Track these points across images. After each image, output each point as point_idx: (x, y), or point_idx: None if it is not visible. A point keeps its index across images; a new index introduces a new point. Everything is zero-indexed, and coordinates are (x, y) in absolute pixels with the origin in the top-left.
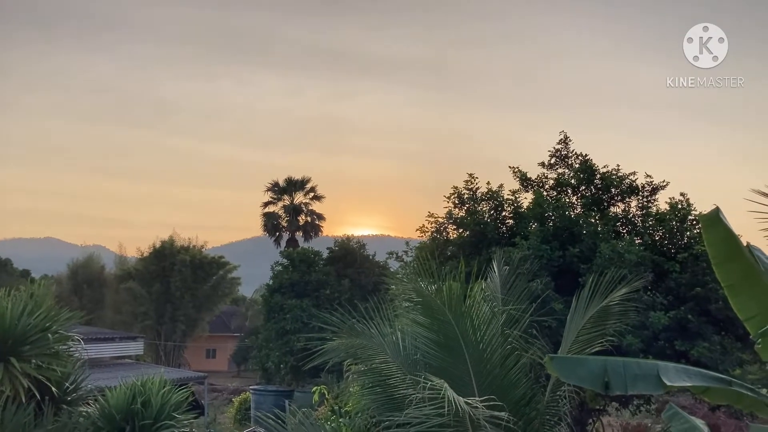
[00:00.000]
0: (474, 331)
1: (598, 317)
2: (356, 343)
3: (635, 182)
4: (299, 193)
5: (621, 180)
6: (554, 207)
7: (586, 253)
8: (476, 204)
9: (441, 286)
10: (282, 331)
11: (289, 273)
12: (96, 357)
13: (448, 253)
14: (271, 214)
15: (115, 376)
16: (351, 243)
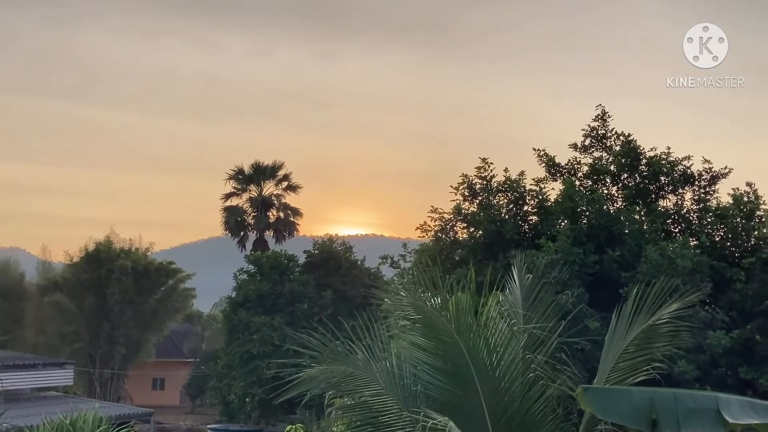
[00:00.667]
0: (488, 356)
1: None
2: (341, 370)
3: (690, 169)
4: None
5: (672, 166)
6: (589, 200)
7: (629, 257)
8: (491, 196)
9: (447, 300)
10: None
11: (257, 283)
12: (13, 389)
13: (456, 257)
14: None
15: (37, 413)
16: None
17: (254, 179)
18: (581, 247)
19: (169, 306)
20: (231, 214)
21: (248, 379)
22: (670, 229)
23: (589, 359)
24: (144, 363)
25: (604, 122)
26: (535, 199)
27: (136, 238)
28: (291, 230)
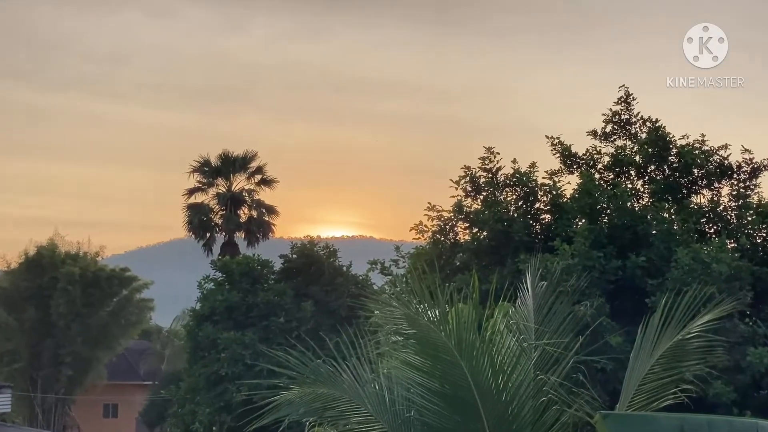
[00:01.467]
0: (494, 377)
1: (673, 356)
2: (323, 394)
3: (727, 160)
4: (240, 176)
5: (707, 157)
6: (610, 195)
7: (657, 262)
8: (497, 191)
9: (446, 312)
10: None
11: (225, 293)
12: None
13: (457, 262)
14: (198, 207)
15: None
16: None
17: (222, 172)
18: (601, 250)
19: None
20: (195, 213)
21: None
22: (705, 229)
23: (611, 380)
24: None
25: (629, 106)
26: (548, 195)
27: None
28: (265, 231)
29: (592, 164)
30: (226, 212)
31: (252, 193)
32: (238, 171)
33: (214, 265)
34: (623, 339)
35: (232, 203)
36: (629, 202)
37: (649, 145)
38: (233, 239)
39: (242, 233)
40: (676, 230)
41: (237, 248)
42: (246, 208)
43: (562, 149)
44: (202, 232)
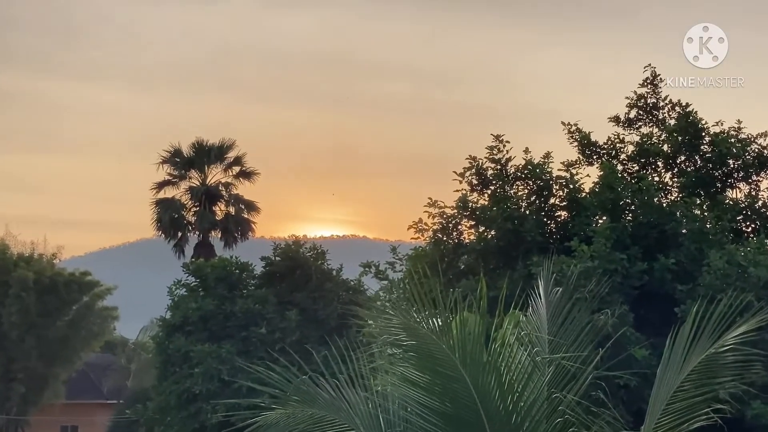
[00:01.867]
0: (503, 396)
1: (705, 372)
2: (309, 414)
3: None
4: (216, 167)
5: (744, 146)
6: (635, 190)
7: (687, 265)
8: (507, 185)
9: (449, 321)
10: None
11: (199, 300)
12: None
13: (462, 265)
14: (168, 202)
15: None
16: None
17: (196, 163)
18: (624, 251)
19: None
20: (165, 209)
21: (188, 426)
22: (741, 227)
23: (635, 399)
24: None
25: (655, 88)
26: (564, 190)
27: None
28: (245, 230)
29: (614, 154)
30: (200, 208)
31: (229, 187)
32: (214, 162)
33: (187, 268)
34: (649, 352)
35: (206, 198)
36: (656, 198)
37: (679, 133)
38: (208, 239)
39: (218, 232)
40: (708, 229)
41: (212, 249)
42: (223, 203)
43: (580, 137)
44: (173, 231)
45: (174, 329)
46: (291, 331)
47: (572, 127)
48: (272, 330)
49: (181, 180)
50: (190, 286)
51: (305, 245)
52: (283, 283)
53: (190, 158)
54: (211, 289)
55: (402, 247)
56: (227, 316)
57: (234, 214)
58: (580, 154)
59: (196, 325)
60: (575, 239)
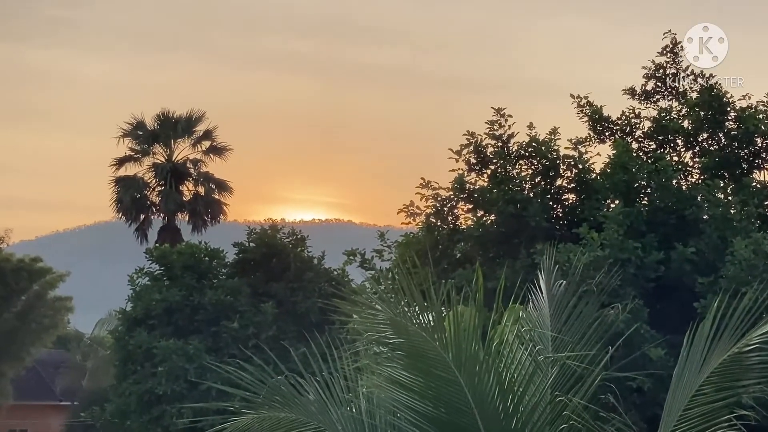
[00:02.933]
0: (502, 399)
1: (727, 374)
2: (285, 419)
3: None
4: (183, 142)
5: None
6: (651, 171)
7: (709, 255)
8: (509, 164)
9: (442, 316)
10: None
11: (164, 290)
12: None
13: (457, 253)
14: (129, 181)
15: None
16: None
17: (161, 137)
18: (639, 239)
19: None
20: (126, 189)
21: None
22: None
23: (649, 403)
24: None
25: (675, 57)
26: (572, 170)
27: None
28: (215, 213)
29: (628, 131)
30: (165, 188)
31: (198, 164)
32: (181, 136)
33: (150, 254)
34: (665, 351)
35: (172, 176)
36: (675, 180)
37: (701, 108)
38: (174, 222)
39: (186, 215)
40: (733, 215)
41: (179, 234)
42: (191, 182)
43: (591, 112)
44: (135, 213)
45: (135, 323)
46: (266, 325)
47: (582, 100)
48: (245, 324)
49: (144, 156)
50: (153, 274)
51: (283, 230)
52: (258, 272)
53: (155, 131)
54: (177, 278)
55: (391, 233)
56: (195, 309)
57: (203, 194)
58: (590, 130)
59: (160, 319)
60: (584, 225)
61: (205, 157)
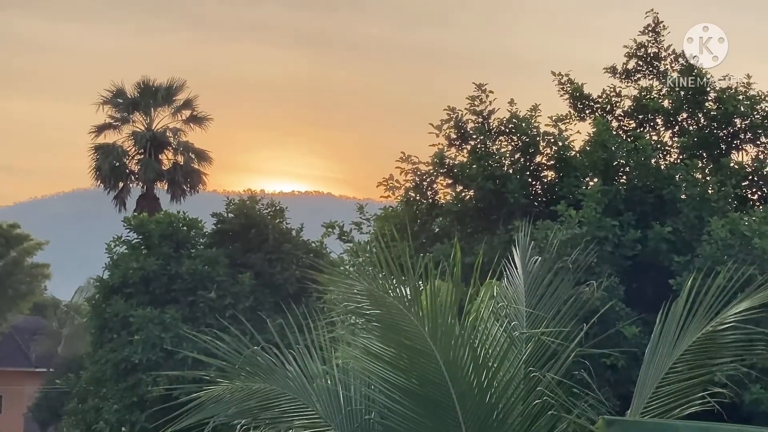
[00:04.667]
0: (476, 373)
1: (701, 352)
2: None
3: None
4: (163, 111)
5: (754, 104)
6: (630, 149)
7: (686, 234)
8: (489, 140)
9: (419, 289)
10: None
11: (141, 259)
12: None
13: (436, 228)
14: (108, 149)
15: None
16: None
17: (141, 105)
18: (617, 218)
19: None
20: (105, 156)
21: (126, 399)
22: (747, 194)
23: (623, 380)
24: None
25: (657, 36)
26: (552, 147)
27: None
28: (194, 182)
29: (609, 109)
30: (144, 156)
31: (178, 133)
32: (161, 104)
33: (128, 223)
34: (640, 329)
35: (152, 145)
36: (654, 159)
37: (682, 88)
38: (153, 191)
39: (165, 184)
40: (710, 195)
41: (158, 203)
42: (170, 152)
43: (571, 89)
44: (113, 181)
45: (112, 291)
46: (244, 296)
47: (563, 77)
48: (223, 294)
49: (123, 124)
50: (131, 243)
51: (262, 201)
52: (237, 242)
53: (135, 99)
54: (154, 247)
55: (371, 207)
56: (172, 278)
57: (183, 163)
58: (571, 108)
59: (137, 287)
60: (562, 203)
61: (186, 127)
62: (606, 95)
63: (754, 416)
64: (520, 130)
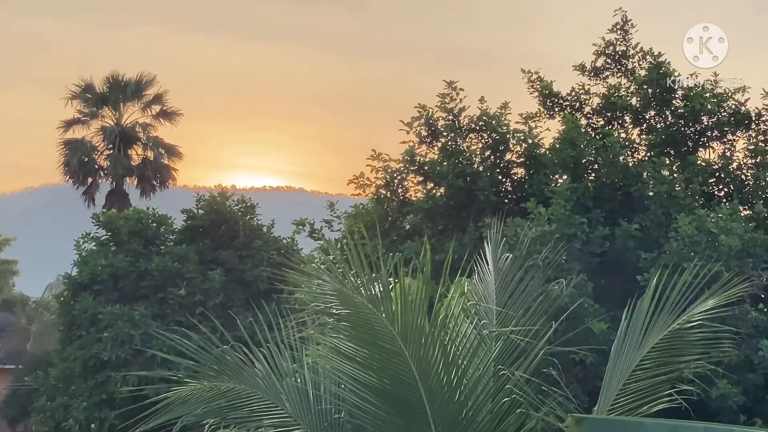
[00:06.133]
0: (446, 371)
1: (667, 349)
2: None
3: (745, 106)
4: (133, 105)
5: (720, 102)
6: (599, 147)
7: (653, 231)
8: (459, 138)
9: (389, 287)
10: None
11: (110, 255)
12: None
13: (407, 225)
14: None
15: None
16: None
17: (110, 100)
18: (586, 215)
19: None
20: (74, 152)
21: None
22: (713, 191)
23: (591, 377)
24: None
25: (626, 34)
26: (522, 144)
27: None
28: (164, 178)
29: (578, 107)
30: (113, 152)
31: (148, 128)
32: (131, 99)
33: (96, 219)
34: (608, 326)
35: (121, 140)
36: (622, 156)
37: (649, 85)
38: (122, 187)
39: (134, 179)
40: (677, 192)
41: (127, 198)
42: (140, 147)
43: (541, 87)
44: (82, 177)
45: (81, 288)
46: (214, 293)
47: (533, 75)
48: (192, 291)
49: (92, 119)
50: (99, 240)
51: (232, 197)
52: (207, 239)
53: (104, 94)
54: (123, 243)
55: (343, 203)
56: (142, 275)
57: (152, 159)
58: (540, 105)
59: (105, 284)
60: (532, 200)
61: (155, 122)
62: (575, 93)
63: (721, 412)
64: (491, 128)
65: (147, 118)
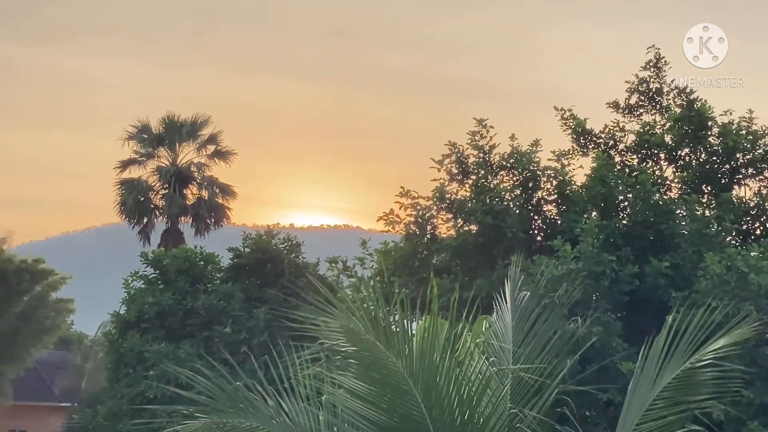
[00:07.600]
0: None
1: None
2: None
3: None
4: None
5: (756, 139)
6: (630, 184)
7: (684, 270)
8: (490, 175)
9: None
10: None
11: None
12: None
13: (436, 262)
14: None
15: None
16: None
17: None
18: (615, 252)
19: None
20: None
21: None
22: (749, 229)
23: None
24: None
25: (659, 72)
26: (553, 182)
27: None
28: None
29: (612, 144)
30: (168, 191)
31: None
32: (186, 139)
33: (145, 258)
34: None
35: (176, 180)
36: (654, 194)
37: (684, 122)
38: (177, 226)
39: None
40: (709, 230)
41: (182, 237)
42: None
43: (574, 124)
44: (138, 216)
45: (128, 326)
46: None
47: (566, 112)
48: (238, 329)
49: (148, 159)
50: (148, 278)
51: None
52: (252, 277)
53: (160, 135)
54: (171, 282)
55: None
56: (188, 313)
57: (207, 198)
58: (573, 143)
59: (152, 322)
60: (558, 238)
61: (210, 161)
62: (609, 130)
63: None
64: (521, 165)
65: (202, 158)
